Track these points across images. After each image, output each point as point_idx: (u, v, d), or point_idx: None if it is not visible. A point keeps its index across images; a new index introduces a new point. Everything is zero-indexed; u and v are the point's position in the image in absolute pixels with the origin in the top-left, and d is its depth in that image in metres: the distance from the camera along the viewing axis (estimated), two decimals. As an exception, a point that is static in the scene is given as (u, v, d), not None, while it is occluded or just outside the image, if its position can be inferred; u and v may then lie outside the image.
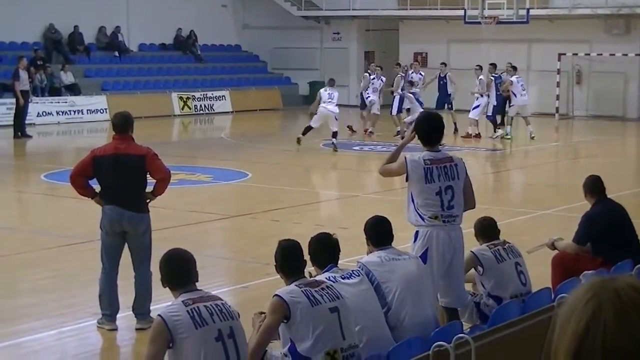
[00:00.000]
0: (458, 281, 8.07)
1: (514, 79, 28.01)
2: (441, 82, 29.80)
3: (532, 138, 27.27)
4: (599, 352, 2.06)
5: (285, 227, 14.54)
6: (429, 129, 8.15)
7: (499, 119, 28.34)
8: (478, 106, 27.72)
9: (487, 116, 28.03)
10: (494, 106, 28.07)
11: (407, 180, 8.00)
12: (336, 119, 24.84)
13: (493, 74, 28.43)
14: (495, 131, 27.78)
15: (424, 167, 7.90)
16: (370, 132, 28.67)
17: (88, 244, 12.38)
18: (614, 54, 35.04)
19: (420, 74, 29.78)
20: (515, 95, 27.75)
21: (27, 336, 9.30)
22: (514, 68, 28.63)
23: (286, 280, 6.47)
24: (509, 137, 27.49)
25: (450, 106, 29.43)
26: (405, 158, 8.02)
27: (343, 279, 6.82)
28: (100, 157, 9.34)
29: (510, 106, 27.97)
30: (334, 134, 24.77)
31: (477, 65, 28.94)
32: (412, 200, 7.97)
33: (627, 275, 2.17)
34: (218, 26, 42.77)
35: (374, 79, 28.96)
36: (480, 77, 28.13)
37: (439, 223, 7.89)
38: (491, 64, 28.76)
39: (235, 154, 24.79)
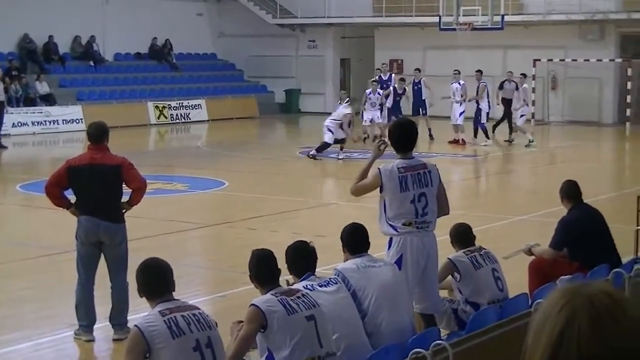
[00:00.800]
0: (432, 287, 8.08)
1: (526, 86, 28.61)
2: (415, 88, 29.84)
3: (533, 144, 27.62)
4: (574, 359, 2.06)
5: (262, 236, 14.51)
6: (402, 136, 8.15)
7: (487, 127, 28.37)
8: (463, 112, 27.79)
9: (480, 124, 28.04)
10: (486, 113, 28.16)
11: (381, 191, 7.98)
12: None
13: (482, 81, 28.50)
14: (487, 139, 27.83)
15: (398, 175, 7.90)
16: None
17: (64, 254, 12.30)
18: (588, 60, 35.24)
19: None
20: (527, 105, 28.48)
21: (4, 348, 9.23)
22: (524, 76, 28.93)
23: (261, 290, 6.46)
24: (533, 142, 27.57)
25: (424, 112, 29.47)
26: (378, 169, 8.01)
27: (320, 286, 6.81)
28: (76, 167, 9.29)
29: (520, 116, 28.27)
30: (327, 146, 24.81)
31: (455, 70, 28.96)
32: (384, 212, 7.97)
33: (600, 281, 2.17)
34: (193, 35, 42.71)
35: (370, 93, 28.72)
36: (461, 82, 28.13)
37: (412, 229, 7.91)
38: (477, 71, 28.81)
39: (212, 163, 24.75)
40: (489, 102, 28.58)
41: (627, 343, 2.06)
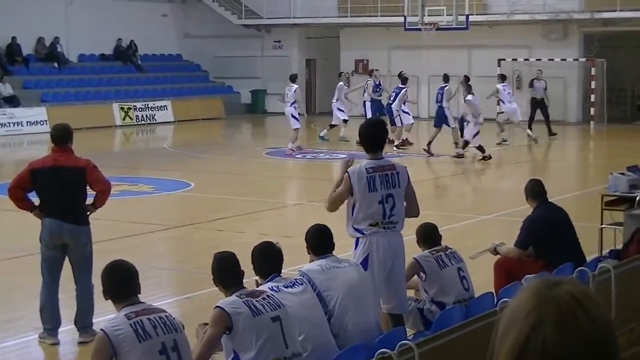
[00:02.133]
0: (399, 287, 8.09)
1: (499, 86, 28.54)
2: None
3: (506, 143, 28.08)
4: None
5: (229, 237, 14.48)
6: (371, 136, 8.15)
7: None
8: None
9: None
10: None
11: (351, 194, 7.93)
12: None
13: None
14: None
15: (366, 176, 7.90)
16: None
17: (29, 257, 12.20)
18: (552, 59, 35.46)
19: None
20: (504, 102, 28.38)
21: (-33, 352, 9.15)
22: (502, 77, 29.04)
23: (225, 293, 6.44)
24: (507, 142, 28.10)
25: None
26: (347, 173, 7.99)
27: (286, 287, 6.80)
28: (39, 169, 9.24)
29: (499, 113, 28.72)
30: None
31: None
32: (352, 215, 7.96)
33: (569, 279, 2.17)
34: (158, 36, 42.56)
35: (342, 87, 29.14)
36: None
37: (378, 230, 7.91)
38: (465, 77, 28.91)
39: (178, 164, 24.66)
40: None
41: (587, 343, 2.07)
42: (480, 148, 24.09)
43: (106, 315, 7.59)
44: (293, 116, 26.30)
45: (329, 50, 42.29)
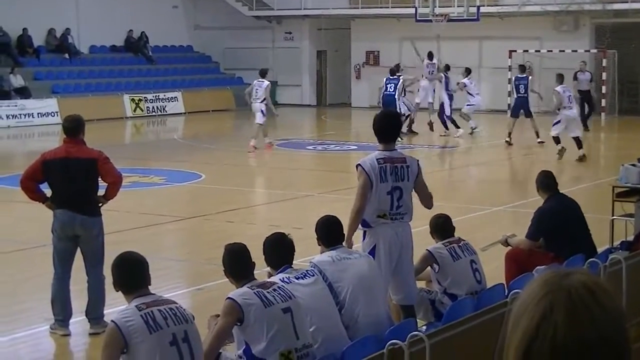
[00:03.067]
0: (408, 277, 8.09)
1: (466, 80, 28.35)
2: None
3: (475, 131, 28.35)
4: (547, 352, 2.07)
5: (239, 228, 14.50)
6: (384, 127, 8.15)
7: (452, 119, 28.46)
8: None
9: (447, 116, 28.19)
10: (449, 105, 28.28)
11: (370, 187, 7.92)
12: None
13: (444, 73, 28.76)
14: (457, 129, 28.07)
15: (378, 166, 7.91)
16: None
17: (40, 248, 12.24)
18: (563, 51, 35.35)
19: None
20: (473, 95, 28.32)
21: (-21, 343, 9.17)
22: (467, 70, 28.91)
23: (236, 284, 6.45)
24: (477, 129, 28.33)
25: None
26: (360, 166, 7.98)
27: (297, 279, 6.81)
28: (51, 160, 9.25)
29: (466, 105, 28.44)
30: None
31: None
32: None
33: (581, 270, 2.16)
34: (169, 27, 42.56)
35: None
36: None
37: (386, 221, 7.92)
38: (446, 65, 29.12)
39: (189, 156, 24.68)
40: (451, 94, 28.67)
41: (598, 333, 2.07)
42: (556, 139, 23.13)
43: (117, 306, 7.60)
44: (262, 112, 24.82)
45: (339, 42, 42.25)
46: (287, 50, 42.49)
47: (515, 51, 36.33)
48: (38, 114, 33.28)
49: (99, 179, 9.38)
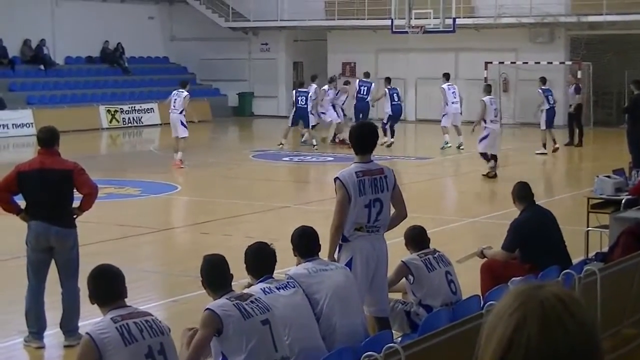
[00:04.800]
0: (382, 290, 8.09)
1: (444, 86, 28.15)
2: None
3: (460, 149, 27.36)
4: None
5: (215, 240, 14.46)
6: (362, 138, 8.12)
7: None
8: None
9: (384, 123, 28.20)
10: (389, 115, 28.34)
11: (349, 199, 7.88)
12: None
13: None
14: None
15: (356, 179, 7.88)
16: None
17: (14, 260, 12.17)
18: (539, 62, 35.52)
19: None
20: (447, 104, 28.00)
21: (-48, 356, 9.11)
22: (445, 76, 28.84)
23: (213, 296, 6.42)
24: (449, 145, 27.62)
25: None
26: (338, 179, 7.94)
27: (278, 289, 6.81)
28: (26, 172, 9.21)
29: (442, 115, 28.15)
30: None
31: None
32: None
33: (554, 283, 2.18)
34: (145, 38, 42.50)
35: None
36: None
37: (362, 233, 7.91)
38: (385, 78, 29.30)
39: (165, 167, 24.60)
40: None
41: (571, 344, 2.08)
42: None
43: (92, 318, 7.56)
44: (182, 124, 24.22)
45: (316, 53, 42.28)
46: (263, 62, 42.50)
47: (491, 63, 36.48)
48: (13, 125, 33.10)
49: (74, 190, 9.34)
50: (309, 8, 39.90)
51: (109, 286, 6.02)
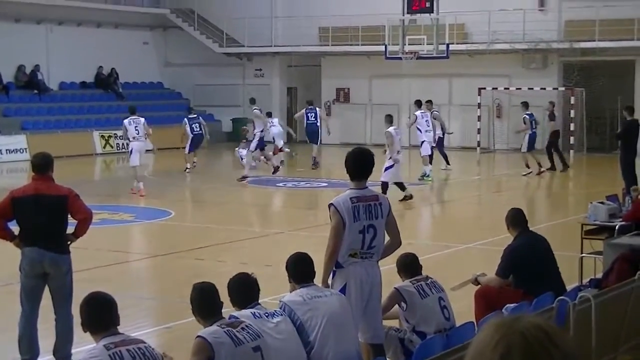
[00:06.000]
0: (376, 317, 8.07)
1: (418, 113, 27.34)
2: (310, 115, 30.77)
3: (427, 179, 26.38)
4: None
5: (209, 266, 14.44)
6: (357, 164, 8.11)
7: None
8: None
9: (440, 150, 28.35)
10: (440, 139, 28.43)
11: (343, 226, 7.86)
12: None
13: (434, 110, 28.81)
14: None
15: (351, 205, 7.86)
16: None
17: (6, 287, 12.14)
18: (532, 88, 35.63)
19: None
20: (420, 131, 27.08)
21: (-56, 383, 9.06)
22: (417, 103, 28.42)
23: (204, 323, 6.40)
24: (429, 178, 26.51)
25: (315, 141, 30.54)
26: (333, 205, 7.93)
27: (267, 316, 6.80)
28: (20, 198, 9.20)
29: (421, 143, 27.02)
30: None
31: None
32: None
33: (533, 314, 2.18)
34: (139, 63, 42.60)
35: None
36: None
37: (356, 260, 7.89)
38: (427, 101, 29.03)
39: (159, 193, 24.58)
40: (442, 129, 28.82)
41: None
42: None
43: (85, 345, 7.53)
44: (139, 152, 23.94)
45: (310, 79, 42.41)
46: (257, 87, 42.56)
47: (485, 88, 36.60)
48: (7, 150, 33.10)
49: (69, 216, 9.33)
50: (303, 34, 40.03)
51: (101, 314, 6.00)
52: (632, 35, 34.21)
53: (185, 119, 29.03)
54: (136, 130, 23.91)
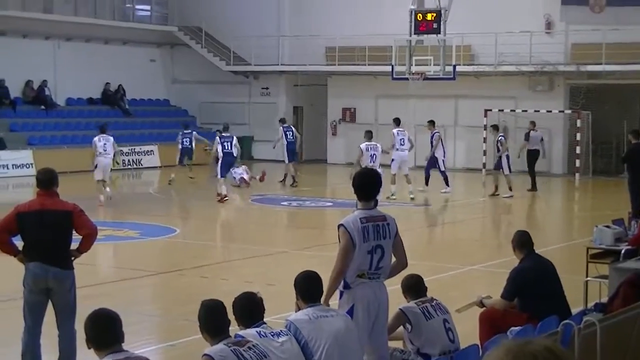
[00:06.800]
0: (382, 337, 8.04)
1: (394, 131, 27.15)
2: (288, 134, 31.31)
3: (412, 199, 26.25)
4: None
5: (213, 284, 14.42)
6: (365, 185, 8.08)
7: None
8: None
9: (441, 172, 28.33)
10: (442, 161, 28.44)
11: (353, 246, 7.83)
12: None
13: (435, 131, 28.80)
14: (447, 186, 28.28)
15: (360, 226, 7.83)
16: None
17: (9, 302, 12.12)
18: (538, 110, 35.65)
19: None
20: (396, 149, 26.82)
21: (-54, 398, 9.04)
22: (396, 121, 27.90)
23: (211, 341, 6.38)
24: (394, 197, 26.06)
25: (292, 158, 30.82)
26: (343, 226, 7.89)
27: (272, 335, 6.78)
28: (25, 213, 9.20)
29: (391, 161, 26.88)
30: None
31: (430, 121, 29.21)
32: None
33: (541, 337, 2.18)
34: (146, 80, 42.71)
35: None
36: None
37: (364, 280, 7.87)
38: (430, 121, 29.12)
39: (164, 209, 24.60)
40: (444, 150, 28.85)
41: None
42: None
43: (89, 362, 7.51)
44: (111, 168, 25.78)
45: (316, 98, 42.47)
46: (263, 106, 42.66)
47: (491, 110, 36.62)
48: (13, 165, 33.15)
49: (73, 231, 9.33)
50: (310, 53, 40.11)
51: (106, 331, 5.98)
52: (638, 59, 34.21)
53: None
54: (104, 147, 25.25)
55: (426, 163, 28.62)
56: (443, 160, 28.69)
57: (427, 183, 28.42)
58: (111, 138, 25.38)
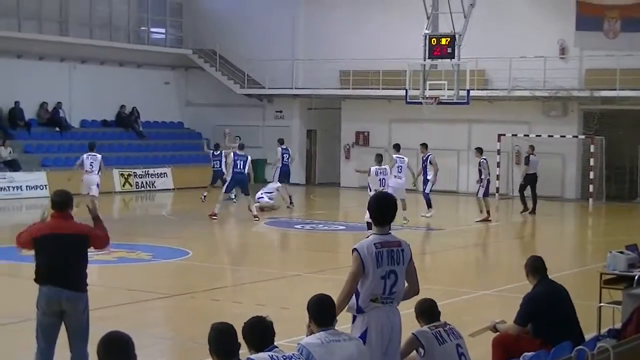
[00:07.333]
0: (394, 362, 8.01)
1: (395, 157, 27.24)
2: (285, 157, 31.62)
3: (404, 223, 25.55)
4: None
5: (225, 307, 14.42)
6: (379, 209, 8.05)
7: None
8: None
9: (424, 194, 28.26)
10: (431, 184, 28.38)
11: (363, 271, 7.80)
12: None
13: (429, 154, 28.82)
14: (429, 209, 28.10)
15: (375, 251, 7.81)
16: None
17: (22, 323, 12.13)
18: (552, 135, 35.64)
19: None
20: (392, 176, 26.28)
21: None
22: (396, 147, 28.01)
23: (220, 365, 6.36)
24: (405, 221, 25.77)
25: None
26: (357, 251, 7.86)
27: (284, 359, 6.75)
28: (39, 236, 9.22)
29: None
30: None
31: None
32: (357, 293, 7.85)
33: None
34: (160, 103, 42.88)
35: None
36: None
37: (377, 305, 7.84)
38: (422, 144, 29.26)
39: (177, 232, 24.62)
40: (435, 173, 28.60)
41: None
42: None
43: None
44: (97, 185, 26.73)
45: (330, 121, 42.54)
46: (277, 129, 42.69)
47: (504, 135, 36.61)
48: (27, 186, 33.28)
49: (88, 253, 9.37)
50: (324, 77, 40.22)
51: (118, 354, 5.97)
52: (652, 85, 34.22)
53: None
54: (91, 165, 26.61)
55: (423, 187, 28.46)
56: (432, 183, 28.51)
57: (429, 206, 28.29)
58: (99, 156, 26.57)
